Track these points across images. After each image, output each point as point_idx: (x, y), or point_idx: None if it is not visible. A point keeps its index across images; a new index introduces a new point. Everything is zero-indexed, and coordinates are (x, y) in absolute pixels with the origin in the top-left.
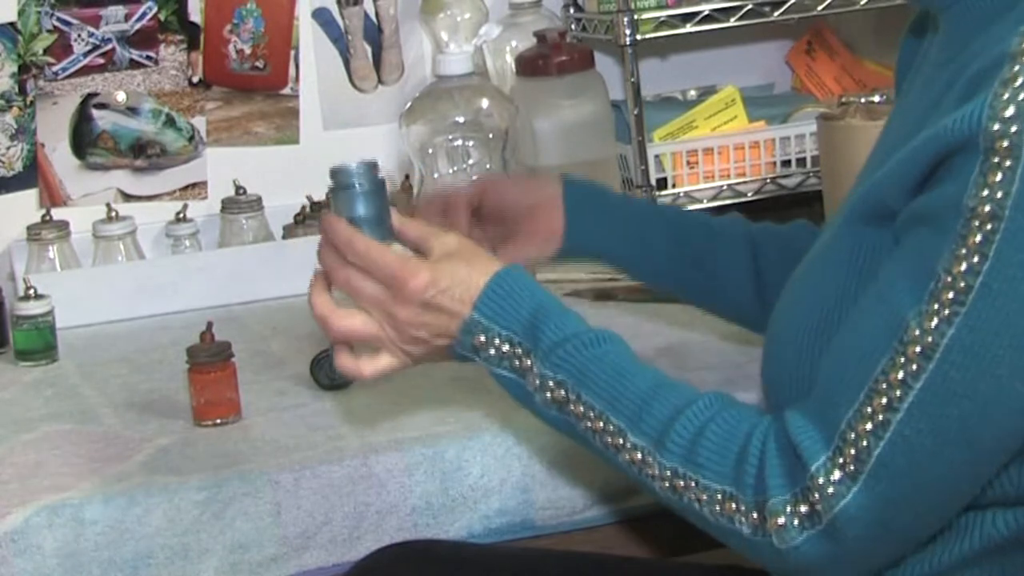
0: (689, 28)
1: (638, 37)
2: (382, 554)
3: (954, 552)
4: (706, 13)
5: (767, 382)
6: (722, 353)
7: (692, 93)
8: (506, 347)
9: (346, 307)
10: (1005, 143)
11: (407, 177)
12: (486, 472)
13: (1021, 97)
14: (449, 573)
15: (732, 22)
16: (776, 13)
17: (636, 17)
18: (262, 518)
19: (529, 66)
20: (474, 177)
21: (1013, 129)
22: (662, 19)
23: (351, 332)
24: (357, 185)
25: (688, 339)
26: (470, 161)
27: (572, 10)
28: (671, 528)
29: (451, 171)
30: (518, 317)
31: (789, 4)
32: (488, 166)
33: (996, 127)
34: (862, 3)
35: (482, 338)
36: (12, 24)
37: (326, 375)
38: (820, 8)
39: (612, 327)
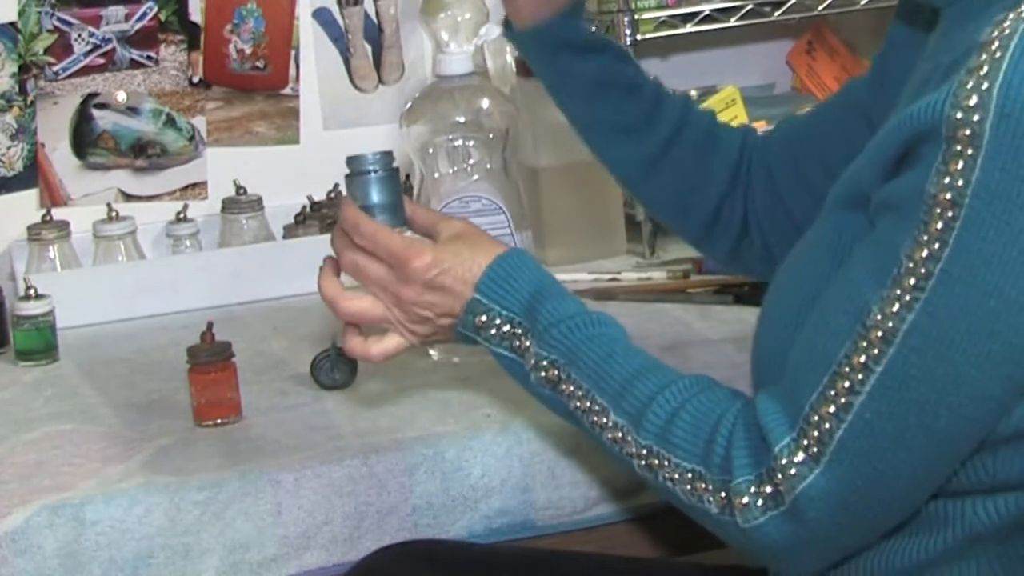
0: (689, 28)
1: (638, 37)
2: (383, 554)
3: (938, 542)
4: (706, 13)
5: (753, 365)
6: (721, 354)
7: (693, 93)
8: (506, 327)
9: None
10: (967, 131)
11: (407, 177)
12: (487, 472)
13: (984, 86)
14: (450, 573)
15: (732, 22)
16: (776, 13)
17: (636, 17)
18: (263, 518)
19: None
20: None
21: (975, 118)
22: (662, 19)
23: (359, 313)
24: (372, 172)
25: (688, 339)
26: (470, 161)
27: None
28: (672, 528)
29: (451, 171)
30: (518, 298)
31: (789, 4)
32: (488, 166)
33: (959, 115)
34: (862, 3)
35: (483, 318)
36: (12, 24)
37: (327, 375)
38: (821, 8)
39: None
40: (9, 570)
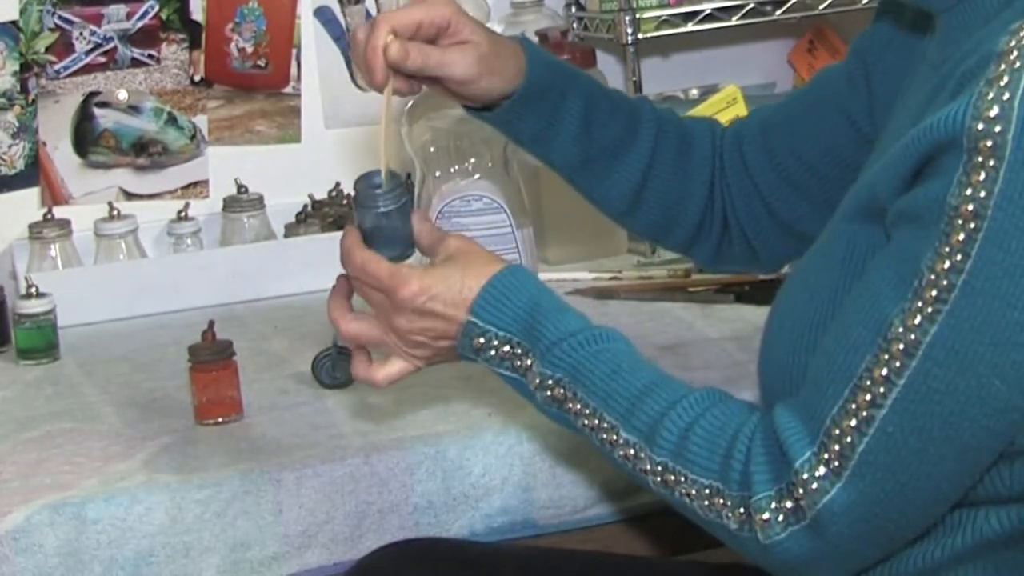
0: (691, 27)
1: (640, 36)
2: (383, 553)
3: (946, 549)
4: (708, 12)
5: (762, 378)
6: (722, 352)
7: (694, 92)
8: (505, 348)
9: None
10: (989, 143)
11: (408, 176)
12: (488, 471)
13: (1006, 97)
14: (451, 572)
15: (734, 21)
16: (778, 12)
17: (638, 16)
18: (264, 517)
19: None
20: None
21: (997, 129)
22: (664, 18)
23: (358, 335)
24: (381, 204)
25: (689, 338)
26: (471, 160)
27: (574, 9)
28: (673, 526)
29: (452, 170)
30: (515, 318)
31: (791, 3)
32: (489, 165)
33: (980, 127)
34: (864, 2)
35: (481, 340)
36: (14, 22)
37: (328, 374)
38: (822, 7)
39: (613, 326)
40: (10, 568)
